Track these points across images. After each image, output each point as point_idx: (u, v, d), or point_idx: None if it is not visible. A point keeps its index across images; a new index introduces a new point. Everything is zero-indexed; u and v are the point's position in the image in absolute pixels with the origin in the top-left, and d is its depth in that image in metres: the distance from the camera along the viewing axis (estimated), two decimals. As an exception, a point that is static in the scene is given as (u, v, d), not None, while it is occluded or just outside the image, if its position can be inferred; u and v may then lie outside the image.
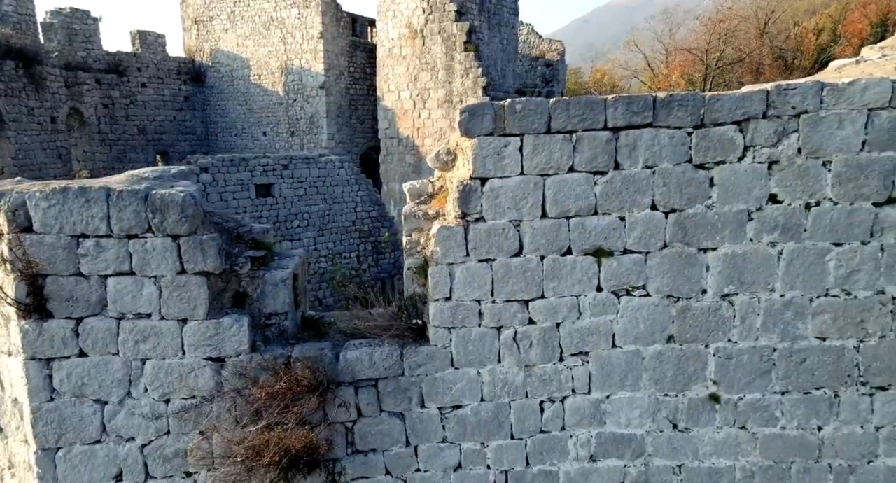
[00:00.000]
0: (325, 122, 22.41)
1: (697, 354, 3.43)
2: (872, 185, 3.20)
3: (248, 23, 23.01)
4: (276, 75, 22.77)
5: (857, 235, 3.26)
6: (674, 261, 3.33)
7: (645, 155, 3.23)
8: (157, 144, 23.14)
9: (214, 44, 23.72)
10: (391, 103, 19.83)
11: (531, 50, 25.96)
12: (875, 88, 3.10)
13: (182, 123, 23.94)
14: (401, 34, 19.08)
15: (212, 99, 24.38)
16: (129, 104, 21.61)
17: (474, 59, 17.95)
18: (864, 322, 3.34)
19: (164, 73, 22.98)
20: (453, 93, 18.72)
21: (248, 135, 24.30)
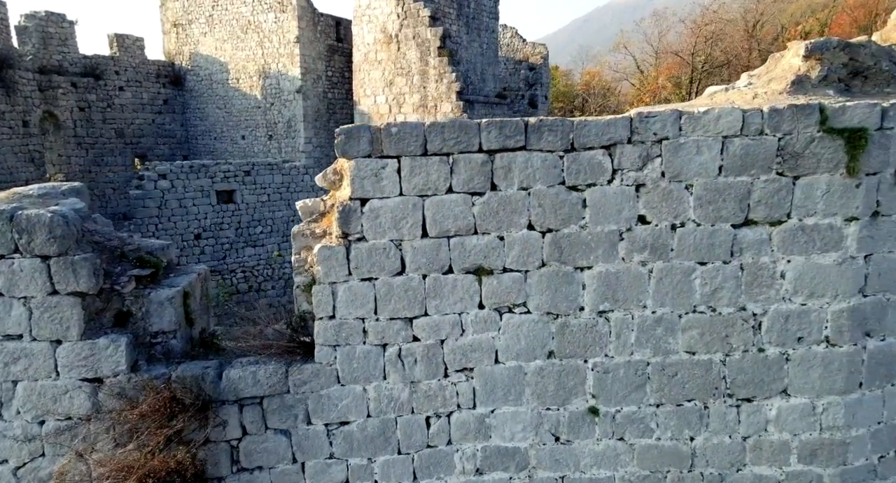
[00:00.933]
0: (302, 126, 22.35)
1: (577, 369, 3.51)
2: (730, 207, 3.32)
3: (226, 26, 22.89)
4: (254, 79, 22.69)
5: (718, 255, 3.37)
6: (552, 279, 3.42)
7: (520, 177, 3.31)
8: (135, 148, 22.96)
9: (193, 47, 23.57)
10: (367, 108, 19.82)
11: (515, 53, 26.06)
12: (727, 117, 3.21)
13: (161, 127, 23.76)
14: (376, 39, 19.09)
15: (191, 102, 24.23)
16: (106, 107, 21.41)
17: (448, 64, 18.03)
18: (729, 337, 3.45)
19: (142, 76, 22.80)
20: (428, 97, 18.77)
21: (227, 138, 24.18)
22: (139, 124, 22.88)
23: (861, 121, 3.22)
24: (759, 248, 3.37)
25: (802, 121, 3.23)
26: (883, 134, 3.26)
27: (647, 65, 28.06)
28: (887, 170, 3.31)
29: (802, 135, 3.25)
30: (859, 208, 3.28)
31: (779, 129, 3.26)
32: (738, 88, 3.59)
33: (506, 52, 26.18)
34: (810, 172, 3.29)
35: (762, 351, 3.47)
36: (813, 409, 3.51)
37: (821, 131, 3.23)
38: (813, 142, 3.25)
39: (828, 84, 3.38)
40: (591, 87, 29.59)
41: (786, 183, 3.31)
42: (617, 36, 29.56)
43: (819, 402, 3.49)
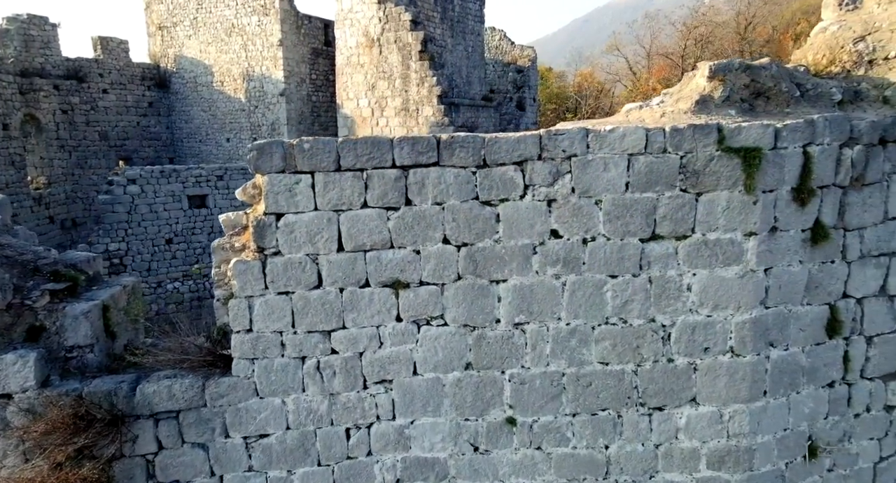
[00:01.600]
0: (286, 129, 22.28)
1: (494, 380, 3.57)
2: (637, 222, 3.40)
3: (211, 29, 22.76)
4: (238, 82, 22.60)
5: (628, 268, 3.45)
6: (468, 292, 3.47)
7: (433, 192, 3.36)
8: (119, 150, 22.79)
9: (178, 50, 23.42)
10: (350, 111, 19.81)
11: (504, 56, 26.14)
12: (632, 136, 3.30)
13: (146, 129, 23.61)
14: (358, 42, 19.08)
15: (176, 105, 24.06)
16: (89, 110, 21.24)
17: (429, 68, 18.08)
18: (640, 348, 3.53)
19: (126, 78, 22.65)
20: (410, 101, 18.81)
21: (213, 141, 24.05)
22: (123, 127, 22.72)
23: (756, 141, 3.32)
24: (665, 262, 3.46)
25: (702, 140, 3.32)
26: (777, 153, 3.36)
27: (640, 67, 28.12)
28: (783, 187, 3.42)
29: (702, 153, 3.34)
30: (757, 224, 3.38)
31: (680, 148, 3.35)
32: (651, 106, 3.68)
33: (494, 54, 26.27)
34: (711, 189, 3.38)
35: (671, 361, 3.56)
36: (720, 417, 3.60)
37: (719, 150, 3.33)
38: (712, 160, 3.35)
39: (730, 104, 3.48)
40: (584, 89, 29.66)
41: (689, 199, 3.40)
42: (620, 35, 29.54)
43: (726, 411, 3.59)
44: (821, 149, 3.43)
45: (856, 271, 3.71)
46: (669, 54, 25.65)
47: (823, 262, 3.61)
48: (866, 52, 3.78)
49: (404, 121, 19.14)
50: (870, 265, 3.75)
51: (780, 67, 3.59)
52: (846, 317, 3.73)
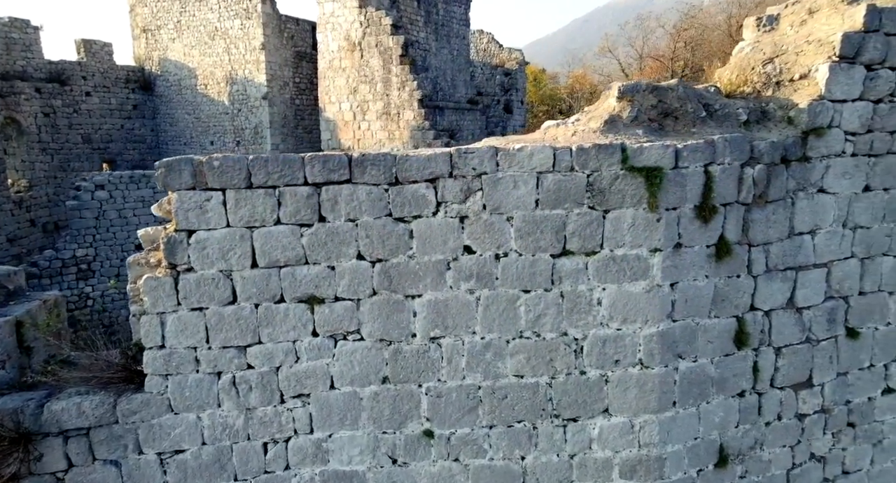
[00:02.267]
0: (269, 133, 22.11)
1: (411, 394, 3.58)
2: (548, 238, 3.43)
3: (194, 33, 22.53)
4: (222, 85, 22.39)
5: (540, 283, 3.48)
6: (383, 307, 3.48)
7: (346, 209, 3.36)
8: (103, 153, 22.51)
9: (162, 53, 23.14)
10: (332, 114, 19.72)
11: (491, 58, 26.13)
12: (539, 155, 3.33)
13: (131, 132, 23.33)
14: (340, 46, 19.00)
15: (161, 107, 23.78)
16: (72, 113, 20.95)
17: (410, 72, 18.04)
18: (553, 361, 3.57)
19: (110, 81, 22.36)
20: (391, 105, 18.77)
21: (197, 144, 23.81)
22: (107, 129, 22.44)
23: (657, 160, 3.37)
24: (576, 277, 3.50)
25: (606, 159, 3.37)
26: (678, 173, 3.42)
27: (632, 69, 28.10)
28: (686, 205, 3.47)
29: (608, 172, 3.38)
30: (661, 240, 3.43)
31: (587, 167, 3.39)
32: (567, 124, 3.72)
33: (482, 57, 26.26)
34: (617, 207, 3.43)
35: (584, 373, 3.60)
36: (631, 428, 3.65)
37: (623, 169, 3.37)
38: (617, 179, 3.39)
39: (638, 124, 3.53)
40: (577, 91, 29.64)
41: (596, 216, 3.45)
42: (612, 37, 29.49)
43: (637, 421, 3.64)
44: (722, 168, 3.50)
45: (762, 285, 3.79)
46: (660, 57, 25.67)
47: (729, 276, 3.67)
48: (774, 74, 3.86)
49: (386, 124, 19.10)
50: (776, 279, 3.83)
51: (687, 88, 3.64)
52: (754, 329, 3.81)
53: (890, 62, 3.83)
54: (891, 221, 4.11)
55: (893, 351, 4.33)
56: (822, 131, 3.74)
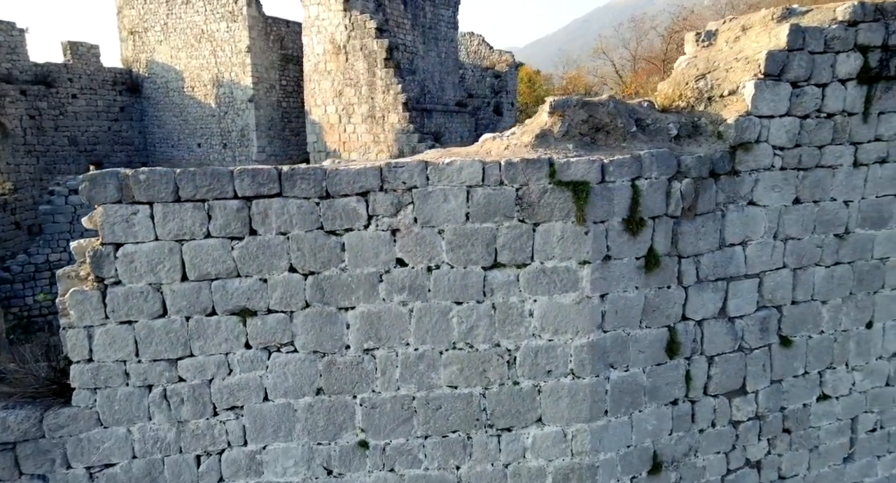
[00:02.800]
0: (255, 135, 21.94)
1: (345, 405, 3.56)
2: (479, 251, 3.43)
3: (181, 35, 22.30)
4: (208, 88, 22.19)
5: (472, 295, 3.48)
6: (316, 319, 3.46)
7: (277, 222, 3.34)
8: (90, 155, 22.24)
9: (150, 55, 22.89)
10: (318, 117, 19.62)
11: (482, 61, 26.10)
12: (469, 169, 3.32)
13: (118, 134, 23.08)
14: (325, 49, 18.91)
15: (149, 109, 23.52)
16: (58, 115, 20.70)
17: (394, 76, 17.99)
18: (486, 372, 3.57)
19: (97, 83, 22.11)
20: (376, 108, 18.71)
21: (184, 146, 23.58)
22: (94, 132, 22.19)
23: (583, 175, 3.38)
24: (508, 289, 3.50)
25: (534, 174, 3.37)
26: (605, 187, 3.44)
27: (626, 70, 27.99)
28: (614, 218, 3.49)
29: (536, 186, 3.39)
30: (590, 253, 3.45)
31: (515, 181, 3.39)
32: (503, 137, 3.73)
33: (473, 59, 26.21)
34: (546, 220, 3.44)
35: (517, 384, 3.61)
36: (564, 437, 3.66)
37: (551, 184, 3.38)
38: (546, 193, 3.40)
39: (569, 138, 3.55)
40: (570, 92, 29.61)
41: (526, 229, 3.45)
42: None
43: (569, 430, 3.65)
44: (649, 182, 3.52)
45: (693, 295, 3.82)
46: (652, 59, 25.63)
47: (660, 287, 3.70)
48: (705, 89, 3.90)
49: (371, 127, 19.04)
50: (708, 289, 3.87)
51: (618, 104, 3.66)
52: (685, 338, 3.84)
53: (816, 79, 3.88)
54: (821, 233, 4.17)
55: (827, 358, 4.39)
56: (749, 146, 3.78)
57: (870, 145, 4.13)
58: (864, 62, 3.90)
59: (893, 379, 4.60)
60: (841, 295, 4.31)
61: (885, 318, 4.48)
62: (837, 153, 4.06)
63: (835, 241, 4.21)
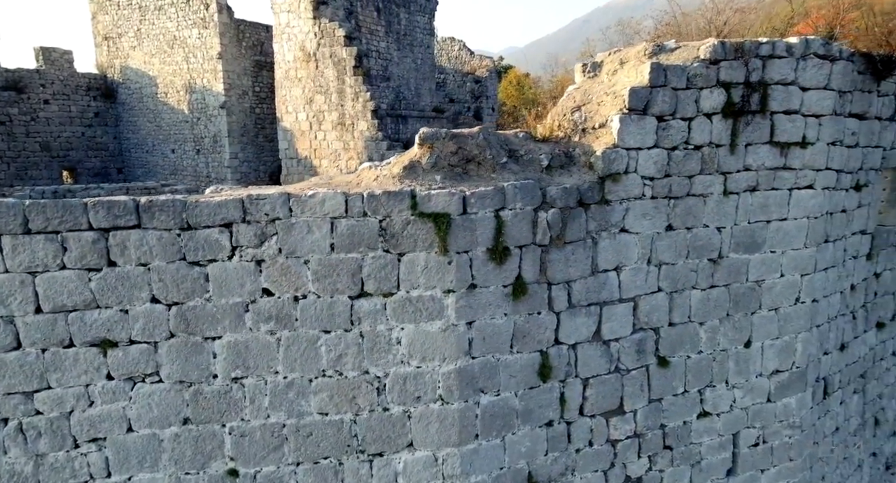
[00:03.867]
0: (227, 142, 21.53)
1: (214, 434, 3.48)
2: (345, 281, 3.39)
3: (154, 41, 21.80)
4: (181, 94, 21.73)
5: (340, 324, 3.44)
6: (181, 349, 3.37)
7: (136, 254, 3.24)
8: (63, 161, 21.64)
9: (124, 60, 22.34)
10: (289, 124, 19.35)
11: (463, 66, 26.04)
12: (331, 201, 3.29)
13: (92, 139, 22.47)
14: (295, 57, 18.68)
15: (124, 115, 22.94)
16: (29, 121, 20.07)
17: (363, 84, 17.82)
18: (356, 398, 3.52)
19: (70, 89, 21.55)
20: (346, 115, 18.53)
21: (158, 152, 23.04)
22: (67, 137, 21.59)
23: (444, 207, 3.37)
24: (375, 318, 3.47)
25: (396, 205, 3.35)
26: (467, 218, 3.43)
27: None
28: (478, 248, 3.49)
29: (399, 217, 3.37)
30: (454, 282, 3.44)
31: (378, 212, 3.37)
32: (379, 166, 3.70)
33: (454, 64, 26.15)
34: (410, 250, 3.41)
35: (387, 410, 3.57)
36: (435, 461, 3.63)
37: (414, 215, 3.36)
38: (409, 224, 3.38)
39: (438, 170, 3.53)
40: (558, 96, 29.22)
41: (391, 259, 3.43)
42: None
43: (440, 454, 3.63)
44: (513, 213, 3.53)
45: (566, 320, 3.84)
46: None
47: (530, 313, 3.71)
48: (580, 121, 3.93)
49: (341, 135, 18.86)
50: (581, 314, 3.90)
51: (489, 136, 3.67)
52: (559, 362, 3.86)
53: (681, 114, 3.95)
54: (695, 258, 4.24)
55: (707, 377, 4.47)
56: (618, 177, 3.82)
57: (739, 175, 4.23)
58: (728, 98, 3.99)
59: (774, 395, 4.72)
60: (718, 316, 4.40)
61: (763, 337, 4.59)
62: (707, 182, 4.15)
63: (709, 266, 4.29)
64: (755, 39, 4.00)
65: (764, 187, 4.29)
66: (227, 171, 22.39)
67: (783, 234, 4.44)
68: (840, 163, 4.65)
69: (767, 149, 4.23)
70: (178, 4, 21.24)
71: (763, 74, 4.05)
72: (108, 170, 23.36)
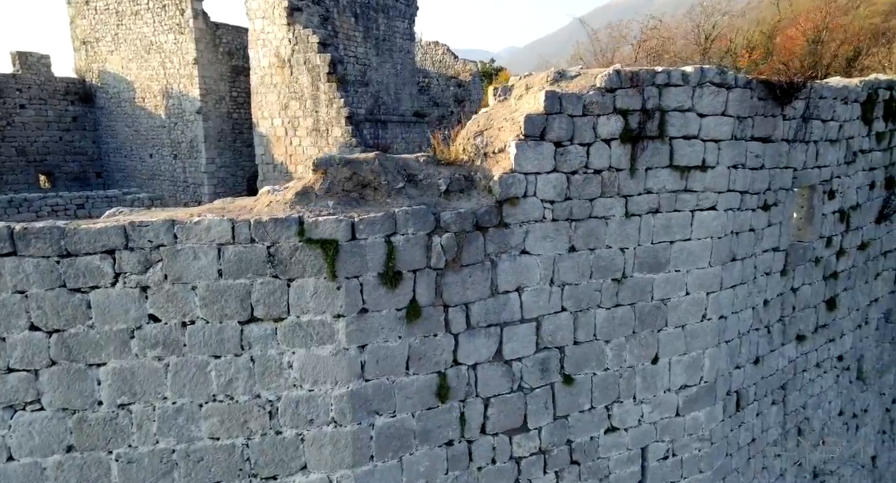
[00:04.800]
0: (204, 147, 21.24)
1: (99, 461, 3.39)
2: (233, 306, 3.34)
3: (131, 46, 21.44)
4: (158, 99, 21.39)
5: (229, 349, 3.39)
6: (63, 376, 3.27)
7: (12, 281, 3.14)
8: (40, 165, 21.23)
9: (102, 65, 21.95)
10: (265, 130, 19.14)
11: (447, 70, 25.97)
12: (217, 228, 3.25)
13: (70, 144, 22.09)
14: (270, 63, 18.50)
15: (102, 119, 22.51)
16: (5, 126, 19.67)
17: (337, 90, 17.70)
18: (248, 422, 3.47)
19: (48, 93, 21.19)
20: (320, 121, 18.40)
21: (136, 156, 22.64)
22: (44, 142, 21.18)
23: (331, 234, 3.35)
24: (266, 342, 3.42)
25: (284, 232, 3.32)
26: (356, 244, 3.42)
27: None
28: (368, 273, 3.48)
29: (287, 244, 3.34)
30: (343, 307, 3.42)
31: (266, 239, 3.33)
32: (278, 191, 3.66)
33: (438, 68, 26.08)
34: (299, 276, 3.38)
35: (279, 433, 3.52)
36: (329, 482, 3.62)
37: (301, 241, 3.34)
38: (297, 250, 3.35)
39: (332, 195, 3.51)
40: None
41: (280, 285, 3.39)
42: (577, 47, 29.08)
43: (334, 476, 3.59)
44: (405, 238, 3.53)
45: (464, 342, 3.84)
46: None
47: (426, 335, 3.70)
48: (482, 146, 3.95)
49: (316, 141, 18.72)
50: (480, 335, 3.90)
51: (386, 161, 3.66)
52: (458, 383, 3.85)
53: (579, 139, 3.99)
54: (599, 278, 4.28)
55: (614, 393, 4.51)
56: (516, 201, 3.85)
57: (640, 197, 4.29)
58: (626, 124, 4.05)
59: (683, 409, 4.78)
60: (624, 334, 4.45)
61: (670, 353, 4.65)
62: (608, 205, 4.20)
63: (613, 285, 4.34)
64: (651, 68, 4.06)
65: (666, 209, 4.36)
66: (203, 177, 22.09)
67: (687, 253, 4.52)
68: (744, 184, 4.76)
69: (668, 172, 4.31)
70: (154, 10, 20.94)
71: (660, 102, 4.12)
72: (86, 174, 22.91)
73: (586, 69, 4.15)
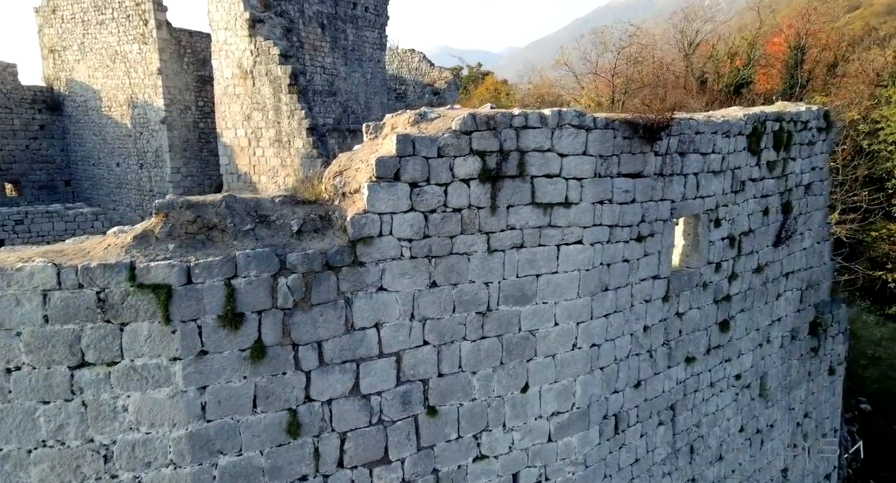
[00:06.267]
0: (169, 157, 20.80)
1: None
2: (62, 351, 3.27)
3: (97, 55, 20.95)
4: (124, 108, 20.91)
5: (59, 394, 3.31)
6: None
7: None
8: (6, 174, 20.51)
9: (69, 73, 21.40)
10: (229, 140, 18.84)
11: (423, 77, 25.96)
12: (41, 274, 3.19)
13: (37, 152, 21.43)
14: (233, 73, 18.27)
15: (70, 128, 21.89)
16: None
17: (298, 101, 17.55)
18: (81, 467, 3.39)
19: (14, 102, 20.62)
20: (282, 132, 18.21)
21: (104, 165, 22.05)
22: (10, 150, 20.55)
23: (164, 279, 3.33)
24: (98, 386, 3.35)
25: (114, 277, 3.28)
26: (192, 288, 3.39)
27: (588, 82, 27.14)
28: (206, 316, 3.45)
29: (118, 289, 3.29)
30: (179, 350, 3.39)
31: (94, 284, 3.28)
32: (125, 231, 3.61)
33: (414, 75, 26.06)
34: (133, 320, 3.34)
35: (115, 477, 3.44)
36: (170, 525, 3.55)
37: (133, 286, 3.30)
38: (129, 295, 3.31)
39: (173, 238, 3.48)
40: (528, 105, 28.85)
41: (112, 329, 3.33)
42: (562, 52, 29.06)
43: (175, 519, 3.55)
44: (247, 281, 3.52)
45: (317, 378, 3.84)
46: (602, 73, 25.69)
47: (273, 374, 3.69)
48: (340, 186, 3.99)
49: (278, 151, 18.53)
50: (335, 372, 3.90)
51: (235, 203, 3.64)
52: (310, 419, 3.84)
53: (436, 180, 4.06)
54: (463, 311, 4.34)
55: (482, 422, 4.56)
56: (370, 240, 3.88)
57: (503, 234, 4.38)
58: (483, 164, 4.14)
59: (555, 435, 4.86)
60: (491, 365, 4.51)
61: (540, 382, 4.73)
62: (469, 241, 4.27)
63: (478, 318, 4.40)
64: (508, 111, 4.17)
65: (530, 244, 4.45)
66: (168, 186, 21.62)
67: (554, 286, 4.61)
68: (612, 218, 4.89)
69: (530, 209, 4.41)
70: (119, 20, 20.55)
71: (518, 143, 4.22)
72: (54, 182, 22.24)
73: (448, 110, 4.23)
